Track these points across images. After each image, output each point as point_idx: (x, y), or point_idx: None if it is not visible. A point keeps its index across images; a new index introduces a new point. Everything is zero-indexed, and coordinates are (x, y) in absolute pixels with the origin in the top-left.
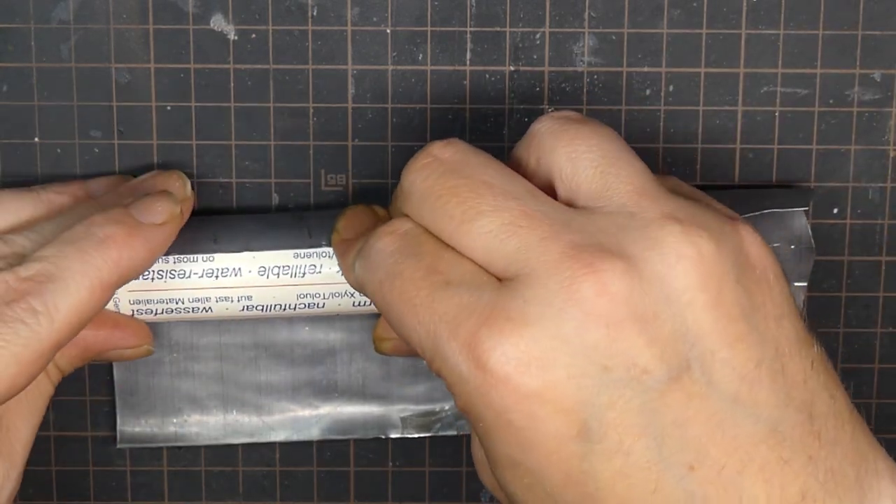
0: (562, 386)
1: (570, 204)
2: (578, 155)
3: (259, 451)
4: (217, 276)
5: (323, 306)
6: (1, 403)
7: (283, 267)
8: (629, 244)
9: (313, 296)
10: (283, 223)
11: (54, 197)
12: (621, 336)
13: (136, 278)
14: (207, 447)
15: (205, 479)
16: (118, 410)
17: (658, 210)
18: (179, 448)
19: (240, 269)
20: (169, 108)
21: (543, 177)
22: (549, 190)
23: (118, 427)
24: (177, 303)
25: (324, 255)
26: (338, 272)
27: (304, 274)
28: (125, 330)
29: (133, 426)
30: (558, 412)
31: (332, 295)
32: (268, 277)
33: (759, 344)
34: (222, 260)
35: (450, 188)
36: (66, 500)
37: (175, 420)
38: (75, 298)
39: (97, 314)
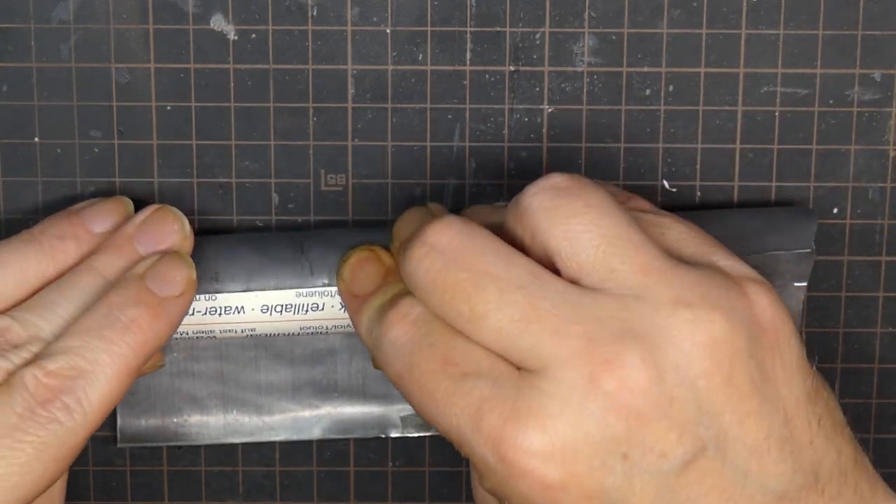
0: (584, 476)
1: (574, 282)
2: (576, 235)
3: (259, 451)
4: (220, 314)
5: (327, 333)
6: (41, 493)
7: (286, 305)
8: (642, 333)
9: (317, 328)
10: (283, 257)
11: (57, 244)
12: (641, 426)
13: None
14: (207, 447)
15: (205, 479)
16: (118, 410)
17: (667, 293)
18: (179, 448)
19: (242, 307)
20: (169, 108)
21: (540, 252)
22: (550, 263)
23: (118, 426)
24: (181, 333)
25: (326, 294)
26: (341, 310)
27: (307, 311)
28: None
29: (133, 425)
30: (581, 499)
31: (336, 326)
32: (271, 315)
33: (769, 414)
34: (225, 299)
35: (452, 284)
36: (67, 500)
37: (175, 420)
38: (106, 389)
39: None
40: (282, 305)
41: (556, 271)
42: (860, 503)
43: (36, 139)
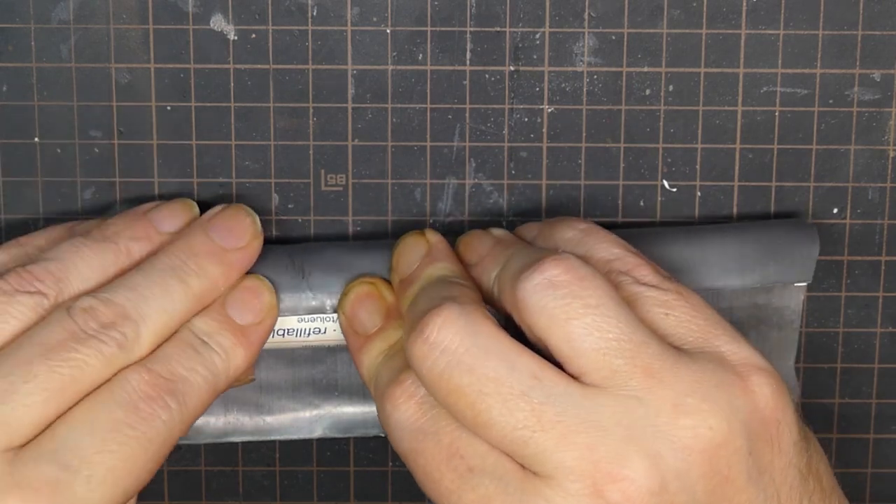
0: None
1: (576, 377)
2: (576, 338)
3: (259, 451)
4: None
5: (331, 348)
6: (142, 488)
7: (288, 330)
8: (644, 440)
9: (319, 346)
10: (284, 282)
11: (132, 245)
12: None
13: None
14: (207, 447)
15: (205, 479)
16: None
17: (668, 396)
18: (179, 447)
19: None
20: (169, 108)
21: (540, 343)
22: (550, 354)
23: None
24: None
25: (328, 319)
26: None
27: (308, 334)
28: None
29: None
30: None
31: (339, 345)
32: (273, 337)
33: (764, 502)
34: None
35: (456, 388)
36: None
37: None
38: (201, 399)
39: None
40: (284, 330)
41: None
42: None
43: (36, 139)
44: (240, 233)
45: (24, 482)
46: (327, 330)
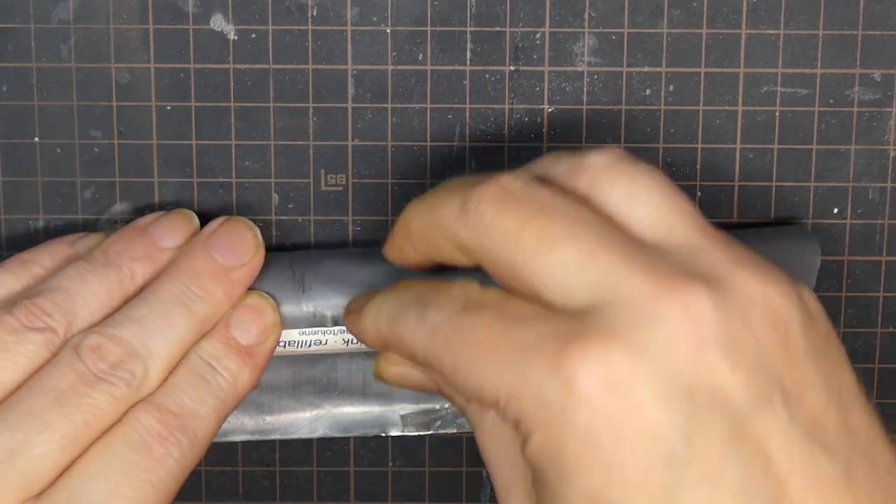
0: (649, 408)
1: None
2: (637, 193)
3: (259, 451)
4: None
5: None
6: None
7: (289, 342)
8: (706, 276)
9: (321, 356)
10: (285, 296)
11: (135, 266)
12: (706, 359)
13: None
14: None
15: (205, 479)
16: None
17: (726, 254)
18: None
19: None
20: (169, 108)
21: (595, 209)
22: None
23: None
24: None
25: (329, 332)
26: (345, 344)
27: (310, 345)
28: None
29: None
30: (646, 435)
31: (341, 357)
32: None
33: (825, 390)
34: None
35: (522, 219)
36: None
37: None
38: (211, 428)
39: None
40: (285, 342)
41: None
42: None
43: (36, 139)
44: (242, 249)
45: None
46: (328, 342)
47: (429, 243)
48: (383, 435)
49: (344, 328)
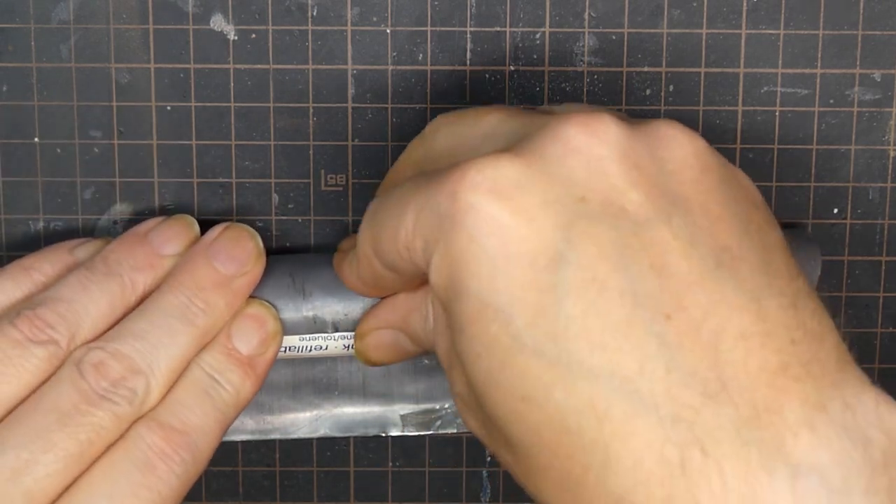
0: (536, 210)
1: None
2: None
3: (259, 451)
4: None
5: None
6: None
7: (290, 347)
8: (626, 119)
9: (321, 359)
10: (286, 303)
11: (137, 276)
12: (601, 173)
13: None
14: None
15: (205, 479)
16: None
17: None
18: None
19: None
20: (169, 108)
21: None
22: None
23: None
24: None
25: (329, 338)
26: (344, 348)
27: (311, 350)
28: None
29: None
30: (531, 237)
31: (341, 357)
32: None
33: (744, 232)
34: None
35: (462, 113)
36: None
37: None
38: (214, 441)
39: None
40: (286, 347)
41: None
42: (842, 363)
43: (36, 139)
44: (243, 258)
45: None
46: (329, 347)
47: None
48: (383, 435)
49: (345, 334)
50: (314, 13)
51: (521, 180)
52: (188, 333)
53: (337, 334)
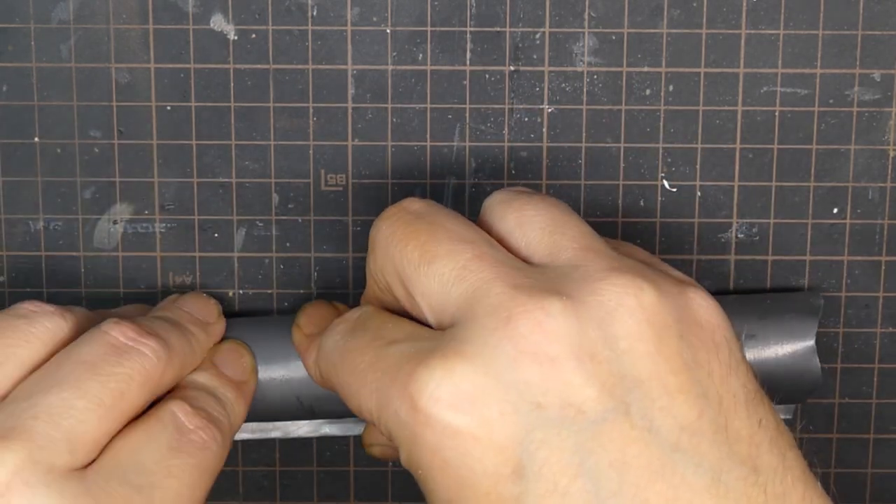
0: (494, 423)
1: (525, 261)
2: (527, 220)
3: (259, 451)
4: None
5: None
6: None
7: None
8: (570, 289)
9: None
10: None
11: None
12: (555, 373)
13: None
14: None
15: None
16: None
17: (603, 263)
18: None
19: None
20: (169, 108)
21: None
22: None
23: None
24: None
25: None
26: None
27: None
28: None
29: None
30: (491, 450)
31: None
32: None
33: (702, 397)
34: None
35: (411, 232)
36: None
37: None
38: (230, 441)
39: None
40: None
41: None
42: None
43: (36, 139)
44: (208, 312)
45: (103, 502)
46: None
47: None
48: None
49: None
50: (314, 13)
51: (477, 392)
52: (186, 342)
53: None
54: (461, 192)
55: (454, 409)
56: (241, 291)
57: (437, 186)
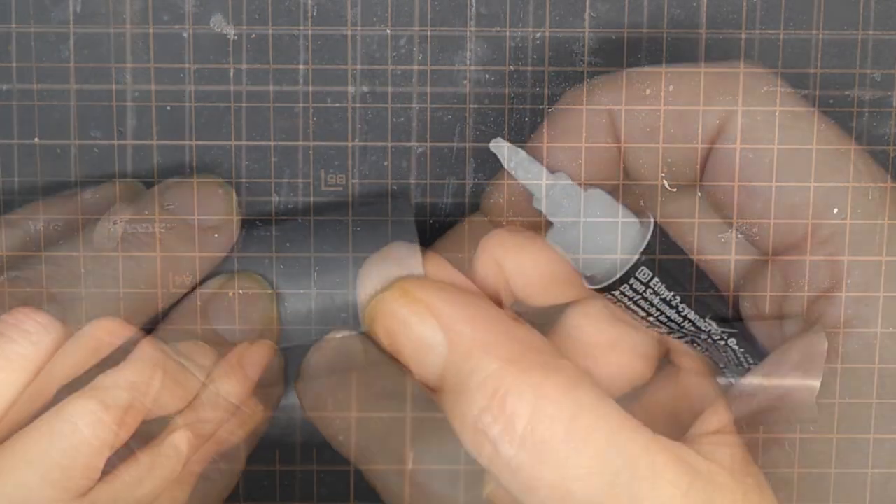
0: None
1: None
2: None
3: (259, 452)
4: None
5: None
6: None
7: None
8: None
9: None
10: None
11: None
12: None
13: None
14: None
15: None
16: None
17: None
18: None
19: None
20: (169, 108)
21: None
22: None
23: None
24: None
25: None
26: None
27: None
28: None
29: None
30: None
31: None
32: None
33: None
34: None
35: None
36: None
37: None
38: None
39: None
40: None
41: None
42: None
43: (36, 139)
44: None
45: None
46: None
47: None
48: None
49: None
50: (314, 13)
51: None
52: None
53: None
54: (461, 193)
55: None
56: (241, 292)
57: (437, 186)
